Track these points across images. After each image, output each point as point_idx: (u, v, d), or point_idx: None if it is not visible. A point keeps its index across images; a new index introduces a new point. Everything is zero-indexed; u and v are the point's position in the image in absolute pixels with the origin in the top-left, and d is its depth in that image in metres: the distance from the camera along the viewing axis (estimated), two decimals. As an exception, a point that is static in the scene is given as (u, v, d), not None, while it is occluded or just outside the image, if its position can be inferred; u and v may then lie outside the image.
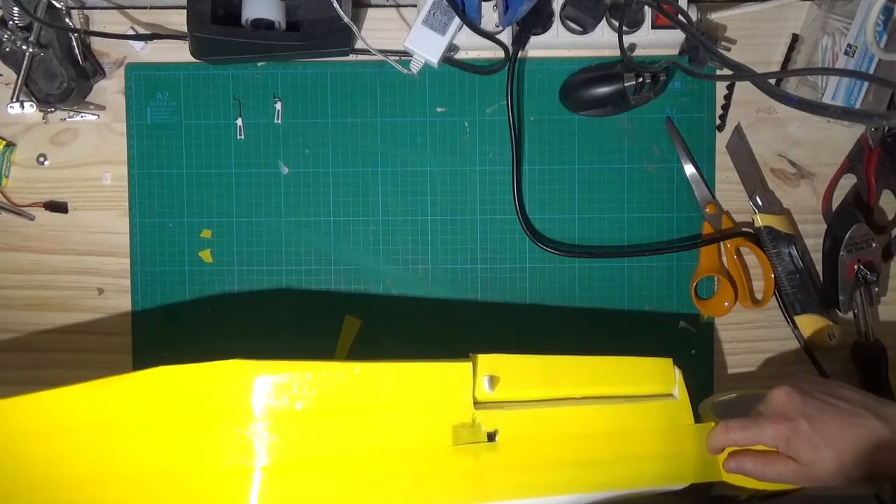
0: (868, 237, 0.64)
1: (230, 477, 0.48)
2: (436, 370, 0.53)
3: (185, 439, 0.49)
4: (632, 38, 0.64)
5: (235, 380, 0.49)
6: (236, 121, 0.68)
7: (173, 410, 0.49)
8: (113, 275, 0.69)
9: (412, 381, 0.52)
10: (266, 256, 0.68)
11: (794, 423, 0.52)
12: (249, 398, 0.49)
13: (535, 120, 0.68)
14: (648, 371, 0.59)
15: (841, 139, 0.67)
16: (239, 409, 0.49)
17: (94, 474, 0.49)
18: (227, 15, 0.63)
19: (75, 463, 0.50)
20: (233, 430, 0.49)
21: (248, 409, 0.49)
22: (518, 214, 0.67)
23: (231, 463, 0.48)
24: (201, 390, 0.49)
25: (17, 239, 0.69)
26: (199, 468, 0.49)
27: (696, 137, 0.67)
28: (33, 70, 0.65)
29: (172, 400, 0.49)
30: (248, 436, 0.49)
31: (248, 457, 0.48)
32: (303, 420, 0.50)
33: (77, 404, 0.50)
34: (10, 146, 0.69)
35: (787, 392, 0.54)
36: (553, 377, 0.56)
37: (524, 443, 0.53)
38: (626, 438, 0.56)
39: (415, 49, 0.63)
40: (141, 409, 0.49)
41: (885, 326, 0.67)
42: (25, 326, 0.69)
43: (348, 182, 0.68)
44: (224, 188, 0.68)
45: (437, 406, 0.52)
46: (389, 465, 0.51)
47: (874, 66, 0.61)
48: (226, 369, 0.49)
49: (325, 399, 0.50)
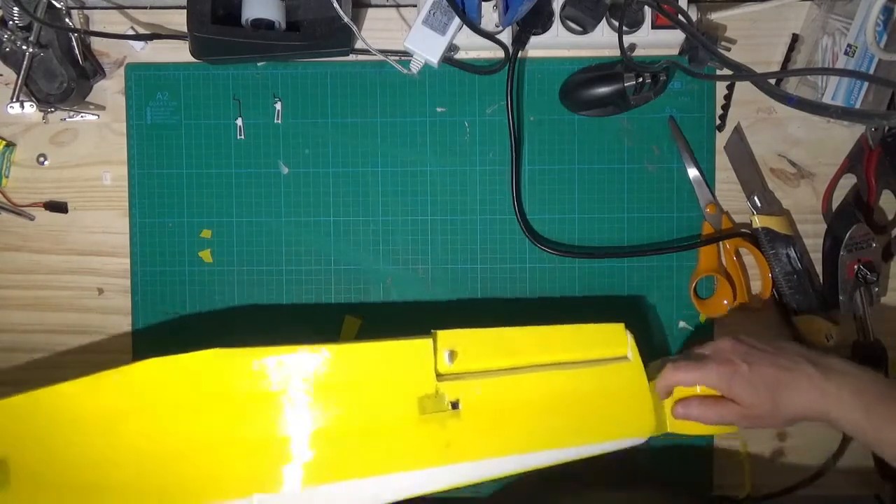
0: (868, 237, 0.64)
1: (219, 452, 0.56)
2: (400, 348, 0.59)
3: (177, 421, 0.56)
4: (632, 38, 0.64)
5: (217, 367, 0.57)
6: (236, 121, 0.68)
7: (165, 396, 0.56)
8: (113, 275, 0.69)
9: (379, 359, 0.59)
10: (266, 256, 0.68)
11: (736, 366, 0.56)
12: (230, 382, 0.57)
13: (535, 120, 0.68)
14: (602, 336, 0.62)
15: (841, 139, 0.67)
16: (222, 392, 0.57)
17: (103, 456, 0.56)
18: (227, 15, 0.63)
19: (85, 447, 0.56)
20: (218, 410, 0.56)
21: (230, 392, 0.57)
22: (517, 215, 0.67)
23: (220, 439, 0.56)
24: (187, 377, 0.56)
25: (16, 239, 0.69)
26: (190, 446, 0.56)
27: (696, 137, 0.67)
28: (33, 70, 0.65)
29: (163, 387, 0.56)
30: (232, 415, 0.56)
31: (234, 433, 0.56)
32: (281, 399, 0.57)
33: (79, 397, 0.56)
34: (10, 146, 0.69)
35: (731, 341, 0.59)
36: (510, 347, 0.61)
37: (486, 409, 0.58)
38: (582, 399, 0.60)
39: (415, 49, 0.63)
40: (136, 396, 0.56)
41: (885, 326, 0.67)
42: (25, 326, 0.69)
43: (348, 182, 0.68)
44: (224, 188, 0.68)
45: (404, 380, 0.59)
46: (362, 436, 0.57)
47: (874, 66, 0.61)
48: (207, 358, 0.56)
49: (301, 380, 0.57)
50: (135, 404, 0.57)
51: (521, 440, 0.59)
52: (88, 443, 0.57)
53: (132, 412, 0.57)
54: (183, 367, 0.57)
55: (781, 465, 0.68)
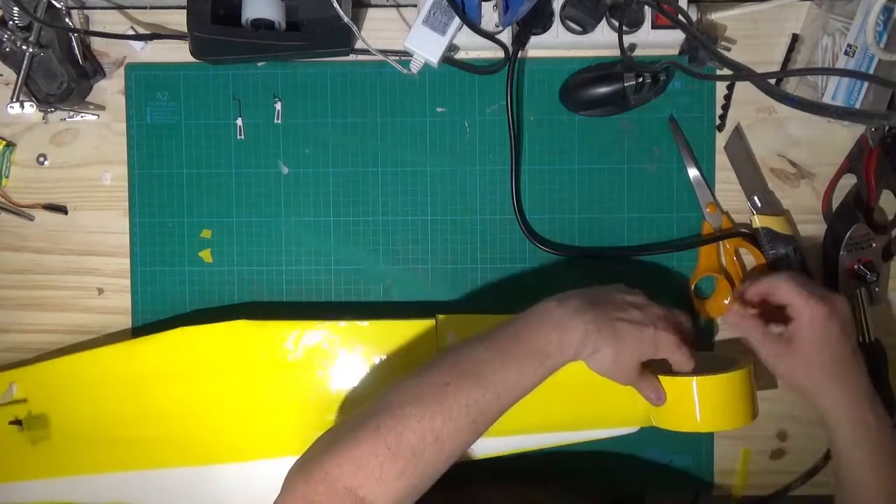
0: (868, 237, 0.64)
1: (240, 414, 0.63)
2: (406, 327, 0.64)
3: (203, 384, 0.63)
4: (632, 38, 0.64)
5: (242, 336, 0.63)
6: (236, 121, 0.68)
7: (193, 361, 0.63)
8: (113, 275, 0.69)
9: (386, 336, 0.64)
10: (266, 256, 0.68)
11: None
12: (253, 350, 0.63)
13: (535, 120, 0.68)
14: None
15: (841, 139, 0.67)
16: (245, 359, 0.63)
17: (133, 414, 0.64)
18: (227, 15, 0.63)
19: (118, 406, 0.64)
20: (241, 376, 0.63)
21: (253, 359, 0.63)
22: (517, 215, 0.67)
23: (241, 403, 0.63)
24: (215, 345, 0.63)
25: (16, 239, 0.69)
26: (214, 407, 0.63)
27: (696, 137, 0.67)
28: (33, 70, 0.65)
29: (192, 353, 0.63)
30: (253, 382, 0.63)
31: (255, 398, 0.63)
32: (297, 369, 0.63)
33: (115, 360, 0.64)
34: (10, 146, 0.69)
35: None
36: None
37: None
38: (577, 388, 0.62)
39: (415, 49, 0.63)
40: (167, 361, 0.63)
41: (885, 326, 0.67)
42: (25, 326, 0.69)
43: (348, 182, 0.68)
44: (224, 188, 0.68)
45: (407, 358, 0.63)
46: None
47: (874, 66, 0.61)
48: (234, 328, 0.63)
49: (317, 352, 0.64)
50: (165, 368, 0.63)
51: (517, 423, 0.60)
52: (121, 402, 0.63)
53: (162, 375, 0.63)
54: (211, 335, 0.63)
55: (782, 464, 0.68)
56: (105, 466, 0.64)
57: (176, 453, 0.63)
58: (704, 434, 0.68)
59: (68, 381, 0.64)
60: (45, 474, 0.64)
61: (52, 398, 0.64)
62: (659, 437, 0.67)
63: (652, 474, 0.68)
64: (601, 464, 0.68)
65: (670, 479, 0.68)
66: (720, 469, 0.68)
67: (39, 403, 0.64)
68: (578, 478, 0.68)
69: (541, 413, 0.61)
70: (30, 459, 0.64)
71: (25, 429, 0.64)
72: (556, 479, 0.68)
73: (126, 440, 0.63)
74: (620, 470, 0.68)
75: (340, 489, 0.47)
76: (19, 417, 0.63)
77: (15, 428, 0.63)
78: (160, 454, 0.63)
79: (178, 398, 0.63)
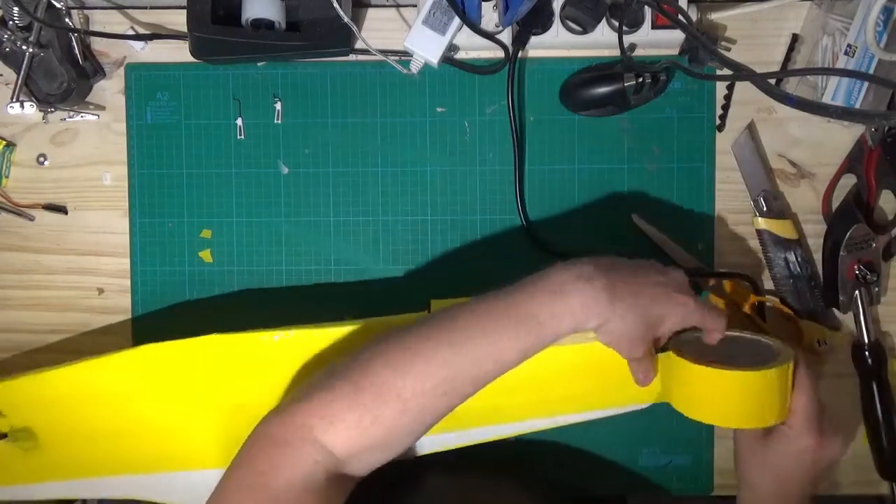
0: (868, 237, 0.64)
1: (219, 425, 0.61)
2: (397, 322, 0.59)
3: (181, 397, 0.61)
4: (632, 38, 0.64)
5: (216, 350, 0.60)
6: (236, 121, 0.68)
7: (167, 376, 0.61)
8: (113, 275, 0.69)
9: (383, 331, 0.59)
10: (266, 256, 0.68)
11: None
12: (230, 363, 0.61)
13: (536, 120, 0.68)
14: None
15: (841, 139, 0.67)
16: (222, 372, 0.61)
17: (115, 428, 0.62)
18: (227, 15, 0.63)
19: (99, 419, 0.62)
20: (219, 388, 0.61)
21: (230, 370, 0.61)
22: (520, 215, 0.67)
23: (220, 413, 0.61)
24: (188, 360, 0.61)
25: (16, 239, 0.69)
26: (194, 419, 0.61)
27: (696, 137, 0.67)
28: (33, 70, 0.65)
29: (165, 368, 0.61)
30: (233, 393, 0.61)
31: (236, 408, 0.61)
32: (278, 378, 0.60)
33: (90, 375, 0.61)
34: (10, 146, 0.69)
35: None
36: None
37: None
38: (587, 368, 0.57)
39: (415, 49, 0.63)
40: (140, 376, 0.61)
41: (885, 326, 0.67)
42: (25, 326, 0.69)
43: (348, 182, 0.68)
44: (224, 188, 0.68)
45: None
46: None
47: (874, 66, 0.61)
48: (206, 343, 0.60)
49: (300, 359, 0.60)
50: (139, 383, 0.61)
51: (522, 409, 0.58)
52: (101, 415, 0.62)
53: (137, 390, 0.62)
54: (183, 351, 0.61)
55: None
56: (100, 470, 0.63)
57: (159, 463, 0.63)
58: (705, 434, 0.68)
59: (38, 398, 0.62)
60: (45, 478, 0.64)
61: (29, 412, 0.63)
62: (659, 436, 0.67)
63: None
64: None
65: (670, 479, 0.68)
66: (720, 469, 0.68)
67: (19, 417, 0.63)
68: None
69: (550, 396, 0.58)
70: (25, 464, 0.63)
71: (12, 440, 0.63)
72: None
73: (110, 452, 0.63)
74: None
75: (299, 425, 0.48)
76: (2, 431, 0.62)
77: (2, 441, 0.63)
78: (141, 465, 0.63)
79: (156, 412, 0.62)
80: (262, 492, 0.47)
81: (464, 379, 0.49)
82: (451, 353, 0.49)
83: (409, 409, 0.48)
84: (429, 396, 0.48)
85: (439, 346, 0.49)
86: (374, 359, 0.50)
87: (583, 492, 0.68)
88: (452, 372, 0.49)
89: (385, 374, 0.49)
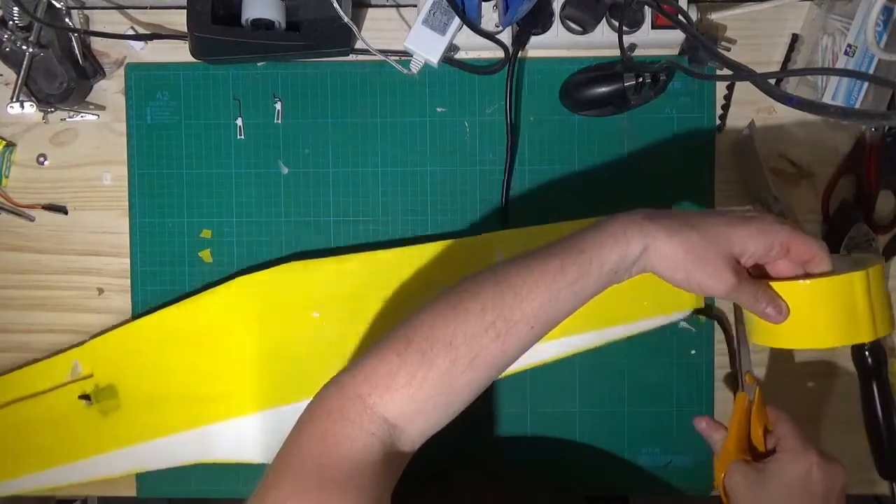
0: (868, 237, 0.64)
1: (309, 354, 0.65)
2: (465, 244, 0.65)
3: (270, 330, 0.65)
4: (632, 38, 0.64)
5: (298, 276, 0.65)
6: (236, 121, 0.68)
7: (255, 308, 0.65)
8: (113, 275, 0.69)
9: (446, 257, 0.65)
10: (266, 256, 0.68)
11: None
12: (313, 289, 0.65)
13: (535, 120, 0.68)
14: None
15: (841, 139, 0.67)
16: (305, 299, 0.65)
17: (204, 370, 0.65)
18: (227, 15, 0.63)
19: (188, 364, 0.65)
20: (305, 317, 0.66)
21: (314, 297, 0.65)
22: (502, 215, 0.67)
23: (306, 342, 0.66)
24: (273, 289, 0.65)
25: (16, 239, 0.69)
26: (282, 352, 0.65)
27: (696, 137, 0.67)
28: (33, 70, 0.65)
29: (252, 300, 0.65)
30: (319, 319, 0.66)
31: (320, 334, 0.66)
32: (359, 300, 0.65)
33: (179, 319, 0.66)
34: (10, 146, 0.69)
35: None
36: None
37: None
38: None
39: (415, 49, 0.63)
40: (231, 312, 0.65)
41: (885, 326, 0.67)
42: (25, 326, 0.69)
43: (348, 182, 0.68)
44: (224, 188, 0.68)
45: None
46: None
47: (874, 66, 0.61)
48: (288, 269, 0.65)
49: (377, 282, 0.65)
50: (226, 320, 0.65)
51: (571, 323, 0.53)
52: (186, 360, 0.65)
53: (224, 327, 0.65)
54: (267, 280, 0.65)
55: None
56: (177, 426, 0.65)
57: (246, 402, 0.65)
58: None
59: (130, 349, 0.66)
60: (120, 444, 0.66)
61: (116, 368, 0.66)
62: (659, 436, 0.67)
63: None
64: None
65: (670, 479, 0.68)
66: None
67: (105, 376, 0.66)
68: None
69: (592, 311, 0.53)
70: (102, 432, 0.66)
71: (94, 402, 0.65)
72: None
73: (195, 396, 0.65)
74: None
75: (352, 396, 0.47)
76: (87, 392, 0.65)
77: (83, 404, 0.65)
78: (231, 405, 0.65)
79: (243, 347, 0.65)
80: (321, 469, 0.45)
81: (515, 319, 0.47)
82: (497, 294, 0.47)
83: (460, 357, 0.46)
84: (480, 340, 0.46)
85: (484, 289, 0.48)
86: (422, 314, 0.48)
87: (583, 491, 0.68)
88: (502, 312, 0.47)
89: (433, 324, 0.47)
